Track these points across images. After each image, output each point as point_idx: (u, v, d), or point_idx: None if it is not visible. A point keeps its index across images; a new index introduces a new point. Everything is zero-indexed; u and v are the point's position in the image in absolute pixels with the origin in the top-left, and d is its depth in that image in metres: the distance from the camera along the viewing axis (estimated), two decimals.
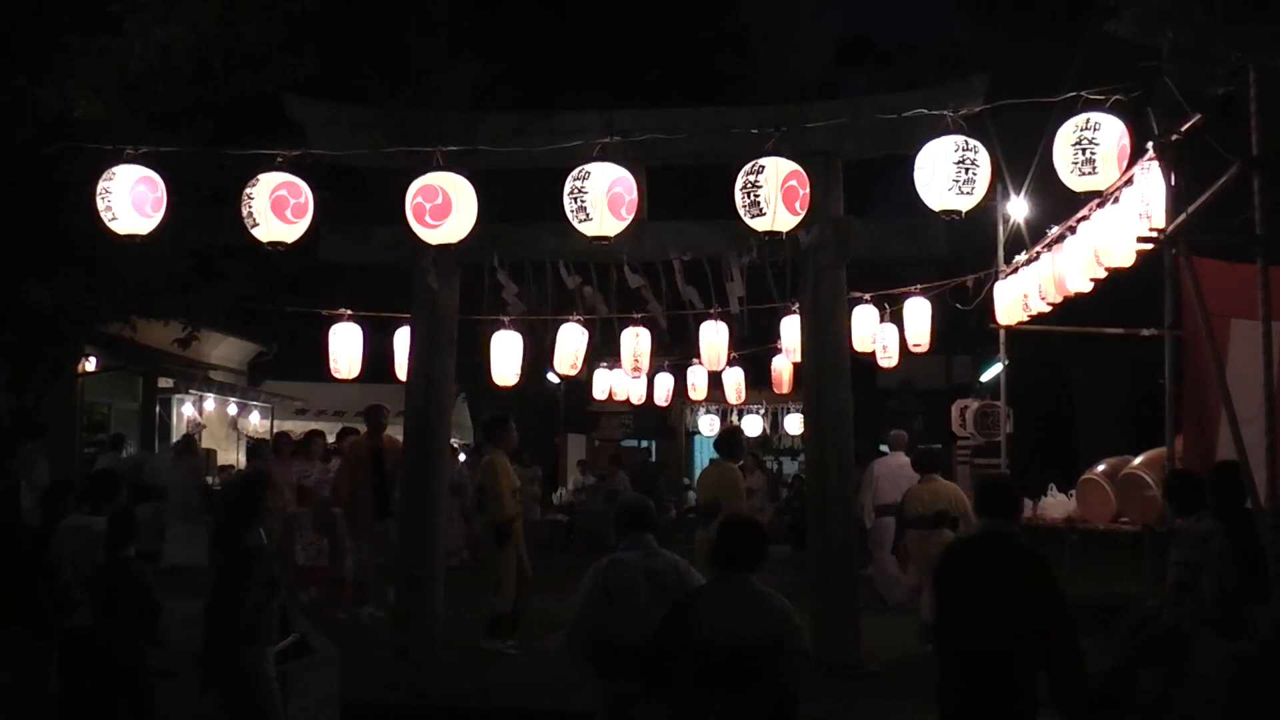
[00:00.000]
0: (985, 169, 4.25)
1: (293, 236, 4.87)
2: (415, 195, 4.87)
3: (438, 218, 4.85)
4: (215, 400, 15.05)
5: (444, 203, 4.83)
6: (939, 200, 4.25)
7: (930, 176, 4.25)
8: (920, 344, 7.76)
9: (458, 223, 4.88)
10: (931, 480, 7.09)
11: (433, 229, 4.87)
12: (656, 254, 5.85)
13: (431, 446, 5.96)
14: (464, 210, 4.89)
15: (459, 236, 4.93)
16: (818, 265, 5.65)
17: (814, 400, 5.81)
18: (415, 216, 4.88)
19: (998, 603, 3.28)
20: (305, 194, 4.85)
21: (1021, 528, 3.80)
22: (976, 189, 4.25)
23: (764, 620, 3.08)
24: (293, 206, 4.81)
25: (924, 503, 6.80)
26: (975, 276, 7.66)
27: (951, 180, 4.22)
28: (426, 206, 4.83)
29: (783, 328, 7.95)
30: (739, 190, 4.67)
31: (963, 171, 4.21)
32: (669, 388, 11.35)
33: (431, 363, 5.99)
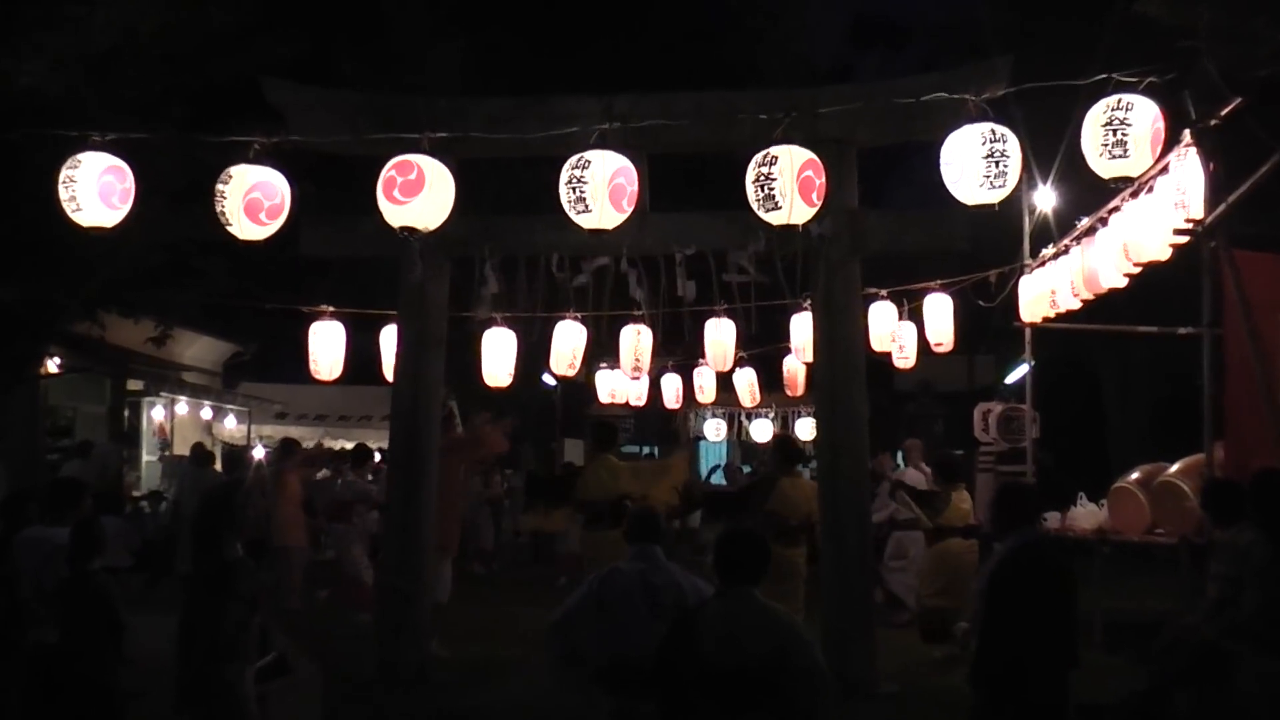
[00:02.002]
0: (1016, 158, 4.25)
1: (267, 234, 4.86)
2: (388, 169, 4.77)
3: (407, 194, 4.71)
4: (188, 403, 15.06)
5: (417, 179, 4.71)
6: (971, 195, 4.26)
7: (959, 171, 4.26)
8: (940, 343, 7.75)
9: (429, 204, 4.74)
10: (958, 489, 7.13)
11: (400, 206, 4.71)
12: (658, 247, 5.84)
13: (419, 451, 5.96)
14: (438, 192, 4.76)
15: (428, 221, 4.79)
16: (831, 259, 5.64)
17: (827, 403, 5.81)
18: (384, 191, 4.75)
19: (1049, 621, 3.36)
20: (281, 193, 4.80)
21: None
22: (1008, 180, 4.26)
23: (768, 636, 3.07)
24: (268, 209, 4.77)
25: (963, 512, 6.86)
26: (999, 271, 7.66)
27: (982, 174, 4.22)
28: (398, 180, 4.71)
29: (793, 326, 7.94)
30: (751, 182, 4.66)
31: (993, 164, 4.22)
32: (676, 389, 11.34)
33: (419, 363, 5.99)
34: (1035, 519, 3.64)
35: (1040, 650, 3.35)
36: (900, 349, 8.06)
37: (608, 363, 10.61)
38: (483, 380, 7.07)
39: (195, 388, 15.13)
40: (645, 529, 3.64)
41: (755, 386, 11.01)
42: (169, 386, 14.12)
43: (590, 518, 6.63)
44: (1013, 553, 3.51)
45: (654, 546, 3.60)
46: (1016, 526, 3.55)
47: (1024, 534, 3.53)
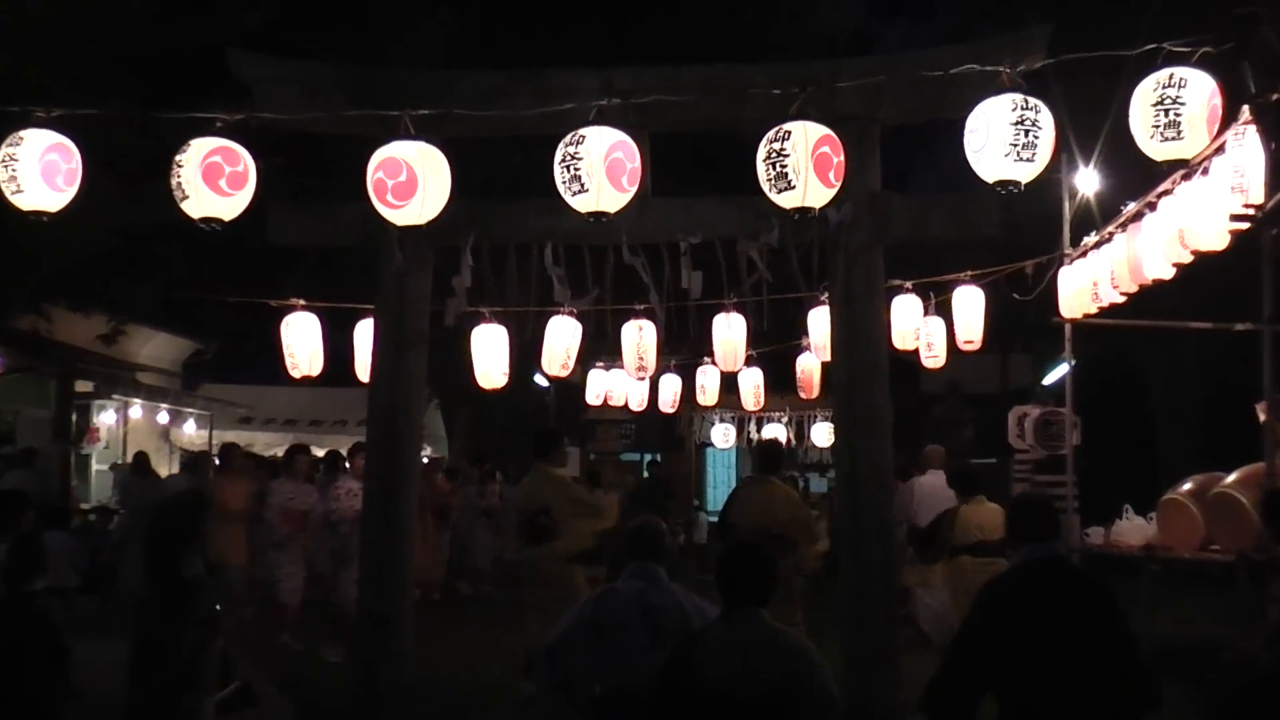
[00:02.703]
0: (1049, 132, 4.23)
1: (230, 212, 4.85)
2: (375, 170, 4.86)
3: (401, 196, 4.81)
4: (143, 406, 15.07)
5: (408, 179, 4.81)
6: (994, 169, 4.23)
7: (983, 141, 4.22)
8: (971, 340, 7.76)
9: (426, 201, 4.85)
10: (980, 503, 7.14)
11: (397, 209, 4.85)
12: (661, 235, 5.84)
13: (398, 460, 5.95)
14: (433, 187, 4.86)
15: (428, 216, 4.91)
16: (850, 248, 5.64)
17: (845, 406, 5.80)
18: (376, 195, 4.88)
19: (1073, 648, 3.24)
20: (245, 161, 4.82)
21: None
22: (1038, 156, 4.23)
23: (779, 662, 3.07)
24: (228, 176, 4.77)
25: (983, 528, 6.84)
26: (1036, 261, 7.66)
27: (1008, 144, 4.18)
28: (388, 184, 4.81)
29: (809, 321, 7.95)
30: (762, 161, 4.65)
31: (1022, 134, 4.18)
32: (676, 391, 11.34)
33: (398, 362, 5.99)
34: (1053, 534, 3.53)
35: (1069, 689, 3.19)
36: (927, 347, 8.07)
37: (603, 362, 10.63)
38: (471, 380, 7.08)
39: (151, 389, 15.14)
40: (646, 544, 3.64)
41: (761, 388, 11.01)
42: (122, 388, 14.12)
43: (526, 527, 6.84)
44: (1018, 567, 3.43)
45: (655, 564, 3.60)
46: (1030, 540, 3.46)
47: (1037, 548, 3.43)
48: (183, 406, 15.93)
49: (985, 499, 7.21)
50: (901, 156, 14.87)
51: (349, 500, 8.38)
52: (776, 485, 6.99)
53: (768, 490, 6.94)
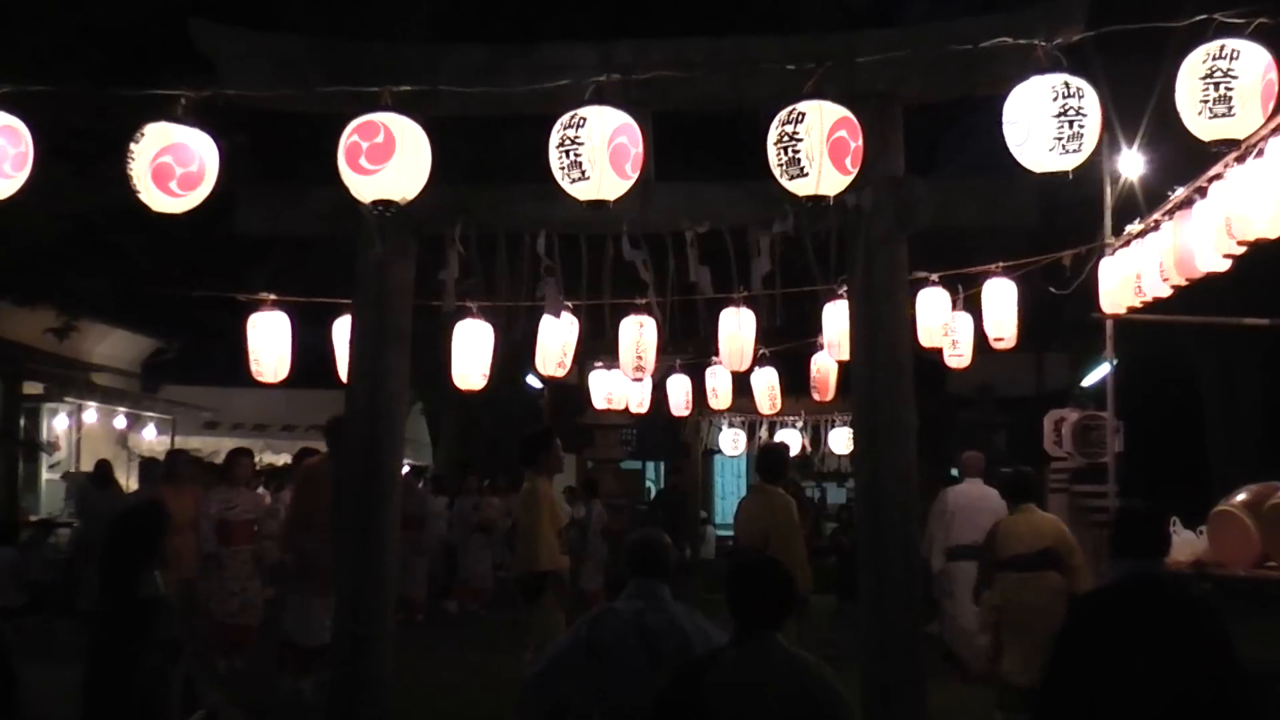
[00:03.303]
0: (1094, 117, 4.25)
1: (185, 208, 4.87)
2: (350, 134, 4.81)
3: (376, 160, 4.75)
4: (98, 410, 15.10)
5: (385, 142, 4.76)
6: (1039, 160, 4.26)
7: (1024, 134, 4.26)
8: (1003, 338, 7.76)
9: (402, 172, 4.80)
10: (1028, 511, 7.13)
11: (368, 176, 4.77)
12: (665, 223, 5.85)
13: (378, 469, 5.96)
14: (411, 157, 4.82)
15: (402, 192, 4.86)
16: (872, 237, 5.65)
17: (866, 410, 5.81)
18: (348, 160, 4.79)
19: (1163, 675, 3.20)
20: (199, 159, 4.81)
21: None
22: (1085, 143, 4.25)
23: (797, 692, 3.07)
24: (180, 178, 4.78)
25: (1023, 539, 6.82)
26: (1075, 252, 7.66)
27: (1053, 137, 4.22)
28: (363, 146, 4.75)
29: (826, 317, 7.95)
30: (773, 144, 4.66)
31: (1066, 124, 4.21)
32: (685, 394, 11.36)
33: (378, 362, 6.00)
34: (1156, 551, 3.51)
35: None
36: (954, 345, 8.08)
37: (604, 361, 10.64)
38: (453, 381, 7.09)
39: (108, 391, 15.16)
40: (648, 559, 3.65)
41: (777, 390, 11.02)
42: (75, 389, 14.14)
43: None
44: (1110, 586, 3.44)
45: (658, 582, 3.61)
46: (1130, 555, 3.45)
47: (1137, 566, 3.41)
48: (142, 410, 15.97)
49: (1035, 508, 7.21)
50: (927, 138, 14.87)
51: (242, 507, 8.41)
52: (777, 495, 7.01)
53: (767, 501, 6.96)
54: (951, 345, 8.06)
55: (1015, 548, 6.95)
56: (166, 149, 4.77)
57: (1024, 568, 6.80)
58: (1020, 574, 6.83)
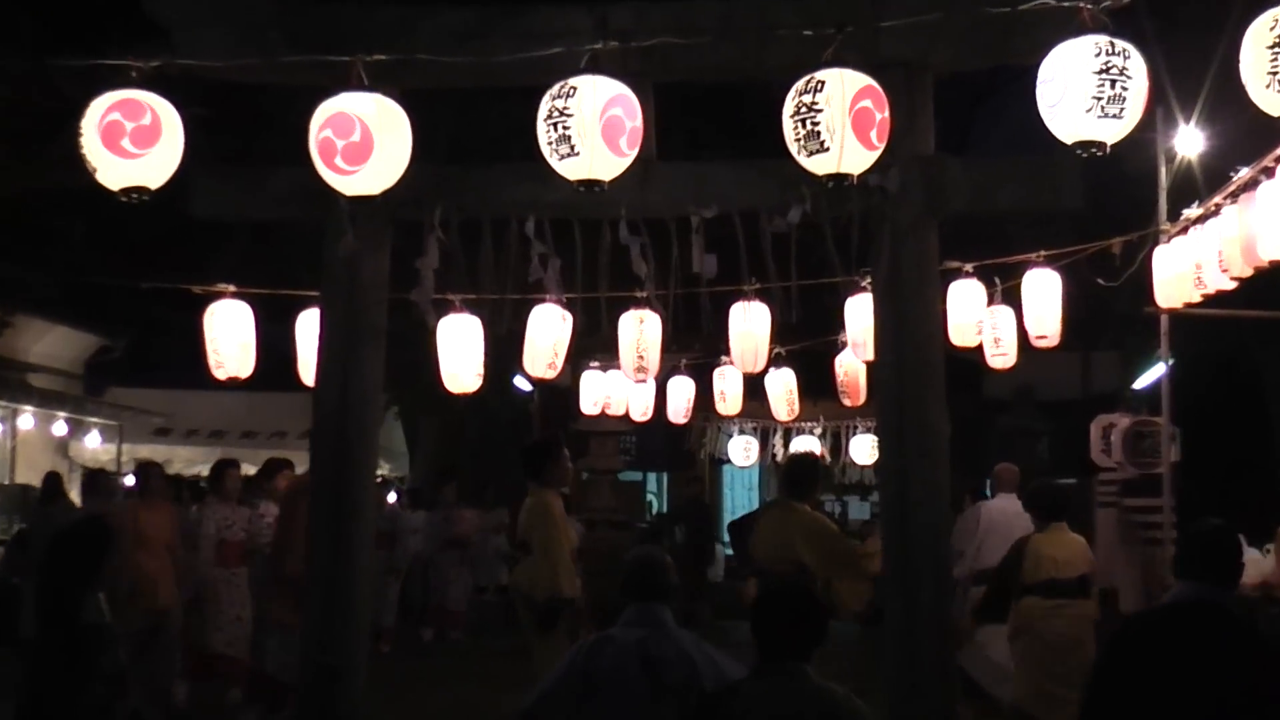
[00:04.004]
0: (1140, 82, 4.25)
1: (150, 176, 4.86)
2: (321, 128, 4.87)
3: (354, 160, 4.83)
4: (36, 415, 15.11)
5: (362, 140, 4.82)
6: (1073, 128, 4.25)
7: (1059, 93, 4.24)
8: (1046, 335, 7.77)
9: (383, 166, 4.87)
10: (1060, 531, 7.13)
11: (347, 176, 4.87)
12: (668, 207, 5.86)
13: (349, 481, 5.98)
14: (391, 149, 4.88)
15: (384, 184, 4.93)
16: (899, 222, 5.66)
17: (892, 415, 5.82)
18: (323, 158, 4.88)
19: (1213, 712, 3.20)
20: (152, 111, 4.81)
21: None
22: (1128, 111, 4.25)
23: None
24: (132, 133, 4.77)
25: (1057, 562, 6.81)
26: (1126, 239, 7.67)
27: (1091, 98, 4.20)
28: (338, 145, 4.82)
29: (848, 312, 7.96)
30: (789, 117, 4.68)
31: (1107, 84, 4.19)
32: (689, 397, 11.37)
33: (349, 361, 6.01)
34: (1226, 579, 3.49)
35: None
36: (992, 343, 8.08)
37: (600, 361, 10.65)
38: (437, 383, 7.10)
39: (45, 394, 15.18)
40: (647, 582, 3.66)
41: (795, 393, 11.02)
42: (9, 393, 14.16)
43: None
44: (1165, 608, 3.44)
45: (660, 606, 3.63)
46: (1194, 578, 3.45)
47: (1199, 590, 3.40)
48: (85, 415, 15.98)
49: (1067, 527, 7.22)
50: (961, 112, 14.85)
51: None
52: (800, 512, 7.02)
53: (786, 518, 6.97)
54: (991, 343, 8.07)
55: (1049, 571, 6.96)
56: (113, 106, 4.78)
57: (1058, 594, 6.81)
58: (1053, 601, 6.84)
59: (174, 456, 15.76)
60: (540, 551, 6.92)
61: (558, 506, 7.12)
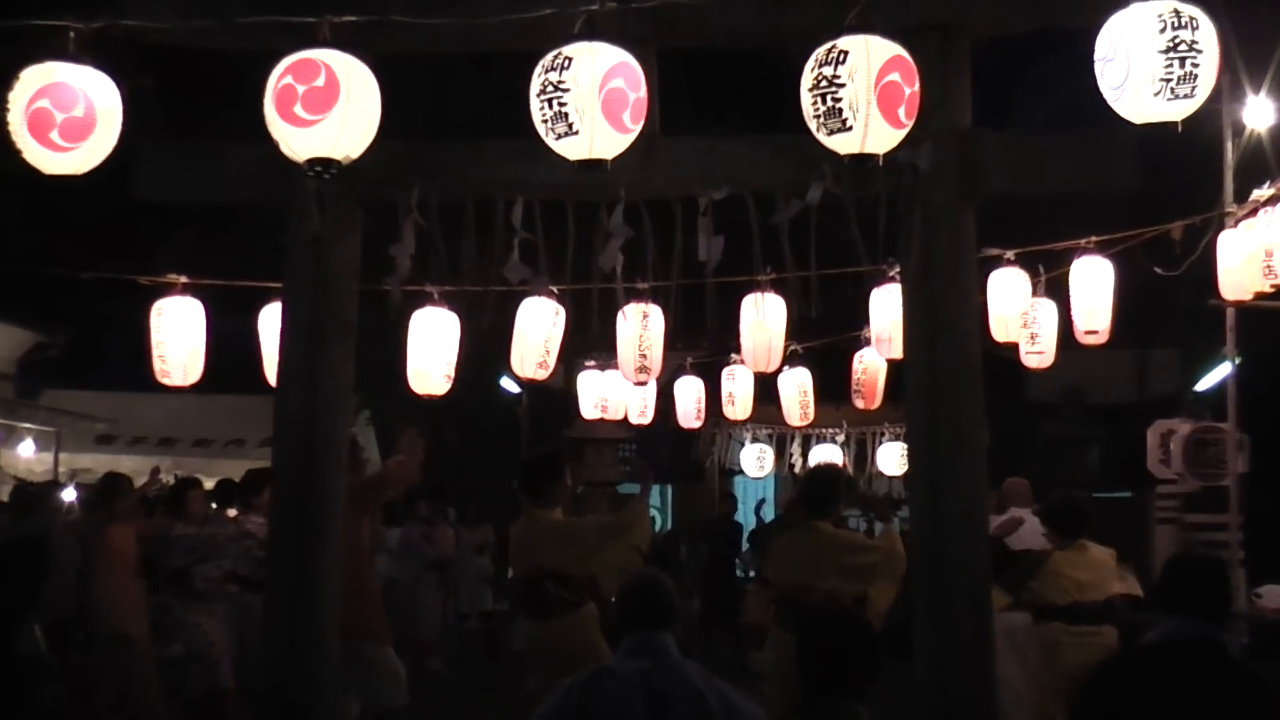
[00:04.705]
0: (1211, 54, 4.26)
1: (80, 166, 4.88)
2: (281, 76, 4.82)
3: (314, 108, 4.74)
4: None
5: (327, 86, 4.76)
6: (1141, 108, 4.27)
7: (1123, 74, 4.26)
8: (1096, 331, 7.78)
9: (346, 124, 4.80)
10: (1083, 549, 7.14)
11: (304, 129, 4.77)
12: (673, 188, 5.87)
13: (315, 494, 5.99)
14: (358, 106, 4.83)
15: (346, 149, 4.86)
16: (932, 205, 5.67)
17: (924, 421, 5.83)
18: (278, 107, 4.79)
19: None
20: (84, 101, 4.81)
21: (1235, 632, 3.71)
22: (1198, 87, 4.26)
23: None
24: (62, 126, 4.77)
25: (1080, 584, 6.82)
26: (1187, 223, 7.68)
27: (1158, 80, 4.22)
28: (298, 90, 4.74)
29: (873, 305, 7.97)
30: (808, 90, 4.69)
31: (1176, 62, 4.22)
32: (696, 400, 11.38)
33: (315, 360, 6.02)
34: (1216, 610, 3.51)
35: None
36: (1035, 339, 8.09)
37: (597, 360, 10.66)
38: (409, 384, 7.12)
39: None
40: (648, 608, 3.67)
41: (809, 395, 11.02)
42: None
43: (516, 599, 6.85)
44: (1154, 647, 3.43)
45: (663, 635, 3.63)
46: (1180, 612, 3.46)
47: (1189, 626, 3.42)
48: (17, 420, 15.97)
49: (1090, 544, 7.23)
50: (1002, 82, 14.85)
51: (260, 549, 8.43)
52: (823, 534, 7.04)
53: (807, 541, 6.99)
54: (1031, 339, 8.07)
55: (1070, 594, 6.97)
56: (42, 91, 4.77)
57: (1083, 620, 6.82)
58: (1078, 629, 6.86)
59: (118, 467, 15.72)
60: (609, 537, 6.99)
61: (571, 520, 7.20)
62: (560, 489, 7.34)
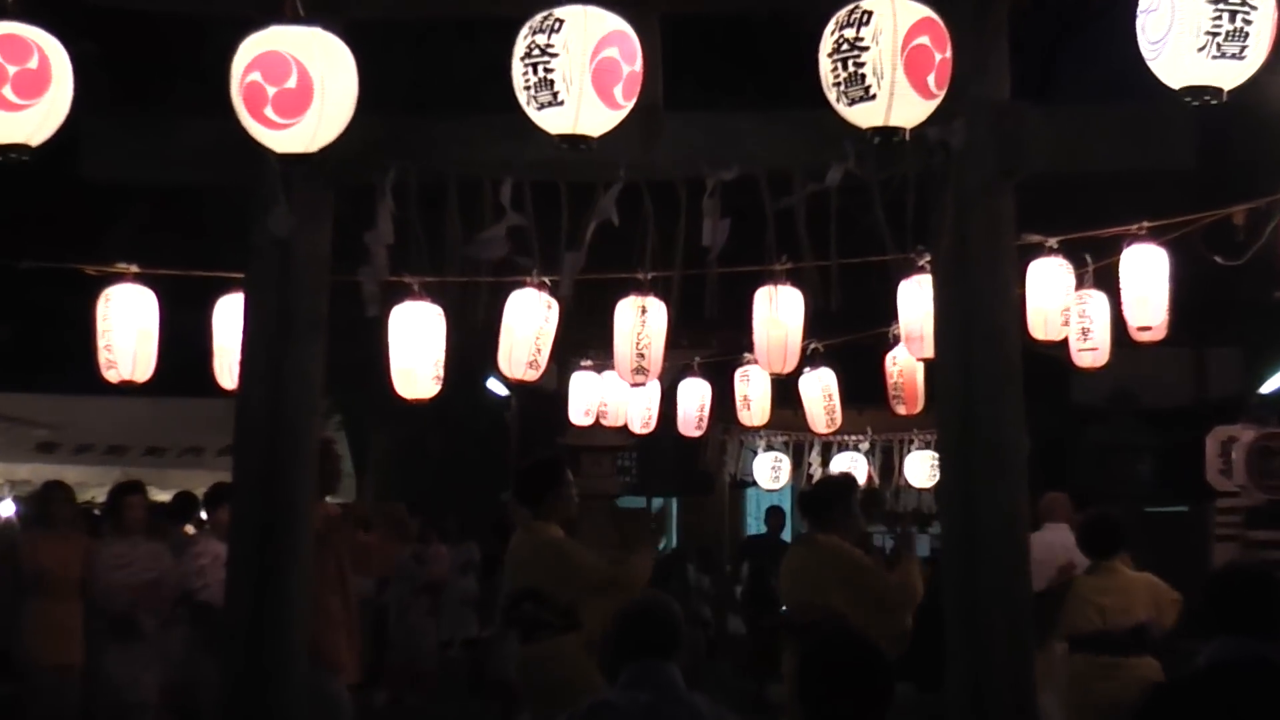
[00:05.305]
0: (1268, 11, 4.25)
1: (34, 132, 4.87)
2: (248, 70, 4.88)
3: (289, 111, 4.84)
4: None
5: (300, 86, 4.83)
6: (1180, 71, 4.25)
7: (1164, 26, 4.23)
8: (1150, 327, 7.78)
9: (324, 118, 4.88)
10: (1111, 572, 7.16)
11: (280, 130, 4.87)
12: (677, 167, 5.88)
13: (281, 507, 6.00)
14: (333, 96, 4.90)
15: (324, 140, 4.94)
16: (965, 186, 5.68)
17: (958, 427, 5.84)
18: (249, 108, 4.88)
19: None
20: (38, 53, 4.80)
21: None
22: (1251, 49, 4.25)
23: None
24: (15, 79, 4.74)
25: (1104, 610, 6.84)
26: (1251, 206, 7.67)
27: (1204, 33, 4.20)
28: (268, 92, 4.82)
29: (901, 299, 7.97)
30: (826, 55, 4.69)
31: (1225, 16, 4.19)
32: (703, 403, 11.38)
33: (281, 359, 6.04)
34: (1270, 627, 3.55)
35: None
36: (1082, 336, 8.09)
37: (594, 360, 10.66)
38: (390, 385, 7.12)
39: None
40: (651, 634, 3.68)
41: (835, 399, 11.02)
42: None
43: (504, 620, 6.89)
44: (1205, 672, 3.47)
45: (667, 664, 3.64)
46: (1233, 631, 3.52)
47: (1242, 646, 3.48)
48: None
49: (1122, 566, 7.23)
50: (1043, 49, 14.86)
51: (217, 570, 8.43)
52: (825, 547, 7.06)
53: (810, 555, 7.01)
54: (1083, 335, 8.07)
55: (1094, 621, 6.98)
56: None
57: (1108, 650, 6.83)
58: (1103, 660, 6.87)
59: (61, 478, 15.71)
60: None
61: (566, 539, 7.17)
62: (561, 498, 7.32)
